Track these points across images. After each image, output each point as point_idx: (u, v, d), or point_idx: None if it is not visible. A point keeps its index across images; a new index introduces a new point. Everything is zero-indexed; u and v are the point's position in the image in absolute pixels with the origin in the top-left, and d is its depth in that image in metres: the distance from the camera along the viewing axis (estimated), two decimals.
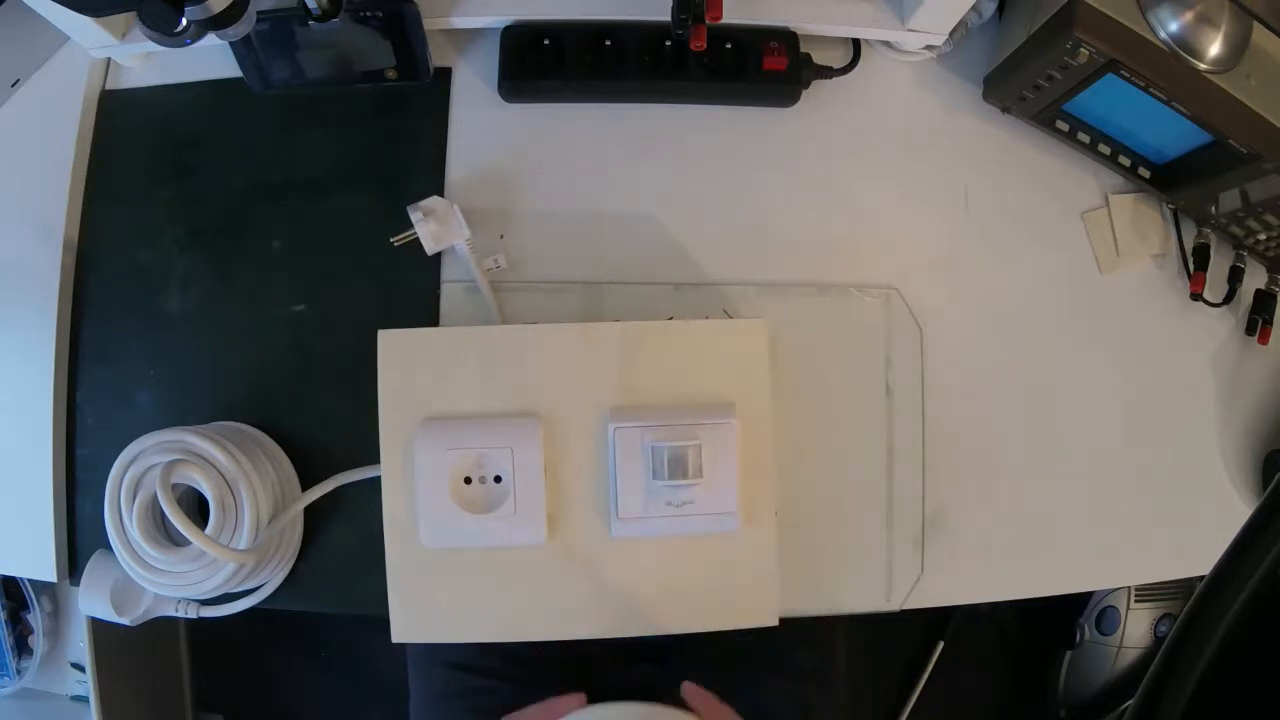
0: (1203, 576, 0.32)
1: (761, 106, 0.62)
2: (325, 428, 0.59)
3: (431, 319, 0.60)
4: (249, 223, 0.61)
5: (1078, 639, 1.08)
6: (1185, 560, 0.63)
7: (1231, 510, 0.64)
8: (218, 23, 0.42)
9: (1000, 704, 1.24)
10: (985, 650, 1.23)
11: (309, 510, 0.58)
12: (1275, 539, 0.30)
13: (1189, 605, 0.31)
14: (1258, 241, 0.62)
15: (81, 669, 0.80)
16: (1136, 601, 1.04)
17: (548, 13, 0.59)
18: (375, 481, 0.54)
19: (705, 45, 0.52)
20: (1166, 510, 0.64)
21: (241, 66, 0.58)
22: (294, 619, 1.26)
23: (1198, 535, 0.63)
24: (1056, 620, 1.12)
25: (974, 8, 0.59)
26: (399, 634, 0.53)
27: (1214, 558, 0.32)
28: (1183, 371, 0.65)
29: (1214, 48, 0.52)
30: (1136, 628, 1.04)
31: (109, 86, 0.63)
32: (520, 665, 0.71)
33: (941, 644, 1.15)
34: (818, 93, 0.62)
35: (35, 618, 0.79)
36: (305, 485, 0.58)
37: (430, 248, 0.58)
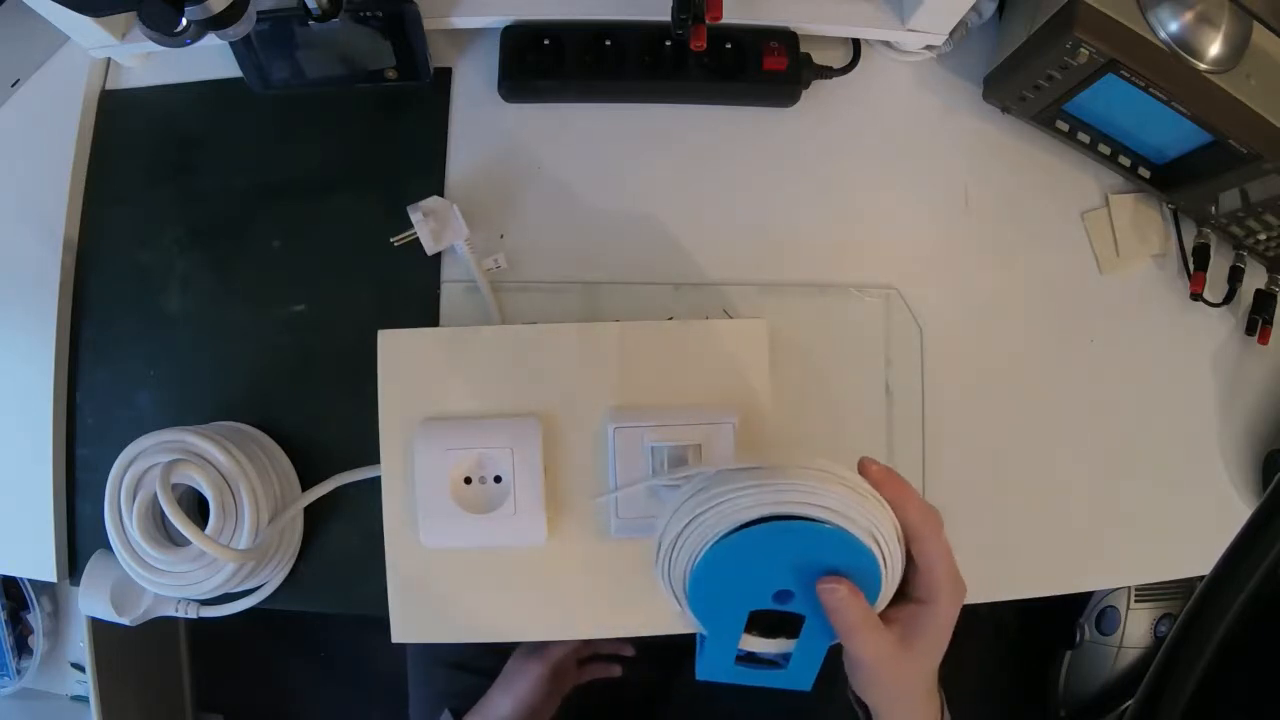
0: (1203, 576, 0.32)
1: (761, 106, 0.62)
2: (325, 428, 0.59)
3: (431, 319, 0.60)
4: (249, 223, 0.61)
5: (1078, 639, 1.08)
6: (1185, 560, 0.63)
7: (1231, 510, 0.64)
8: (218, 23, 0.42)
9: (1000, 704, 1.24)
10: (985, 650, 1.23)
11: (309, 510, 0.58)
12: (1275, 539, 0.30)
13: (1189, 605, 0.31)
14: (1258, 241, 0.62)
15: (81, 669, 0.80)
16: (1136, 601, 1.04)
17: (548, 13, 0.59)
18: (375, 481, 0.54)
19: (705, 45, 0.51)
20: (1166, 510, 0.63)
21: (241, 66, 0.58)
22: (294, 619, 1.26)
23: (1198, 535, 0.63)
24: (1056, 620, 1.12)
25: (974, 8, 0.59)
26: (399, 634, 0.53)
27: (1214, 558, 0.32)
28: (1183, 371, 0.64)
29: (1214, 48, 0.52)
30: (1136, 628, 1.04)
31: (109, 86, 0.63)
32: None
33: None
34: (818, 93, 0.62)
35: (35, 618, 0.79)
36: (305, 485, 0.58)
37: (430, 248, 0.58)
